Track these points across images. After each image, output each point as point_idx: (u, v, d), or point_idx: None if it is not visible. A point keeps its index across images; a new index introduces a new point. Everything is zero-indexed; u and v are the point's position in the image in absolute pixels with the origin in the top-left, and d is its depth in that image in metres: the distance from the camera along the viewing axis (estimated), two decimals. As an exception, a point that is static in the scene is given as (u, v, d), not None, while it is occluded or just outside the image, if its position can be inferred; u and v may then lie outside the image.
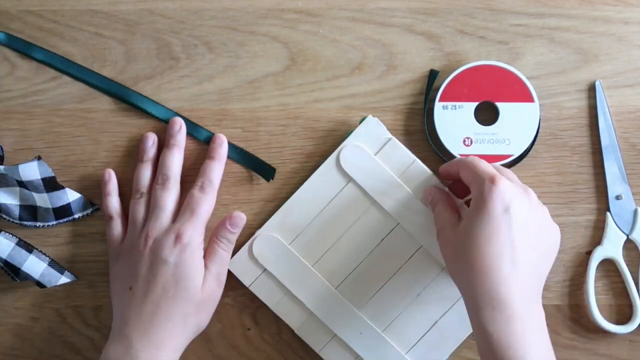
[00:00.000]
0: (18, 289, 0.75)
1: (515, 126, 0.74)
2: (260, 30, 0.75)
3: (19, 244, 0.73)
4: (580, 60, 0.75)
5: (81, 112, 0.76)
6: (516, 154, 0.74)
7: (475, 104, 0.74)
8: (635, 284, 0.75)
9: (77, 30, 0.75)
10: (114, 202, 0.74)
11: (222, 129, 0.75)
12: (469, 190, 0.67)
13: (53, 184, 0.73)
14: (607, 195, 0.75)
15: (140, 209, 0.73)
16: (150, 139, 0.74)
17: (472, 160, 0.67)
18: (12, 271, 0.72)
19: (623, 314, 0.76)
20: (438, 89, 0.74)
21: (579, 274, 0.76)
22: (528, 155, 0.75)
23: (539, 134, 0.75)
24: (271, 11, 0.75)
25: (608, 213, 0.75)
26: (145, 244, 0.70)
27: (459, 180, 0.69)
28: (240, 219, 0.72)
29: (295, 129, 0.76)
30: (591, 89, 0.75)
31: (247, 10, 0.75)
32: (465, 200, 0.72)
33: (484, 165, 0.66)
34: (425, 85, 0.75)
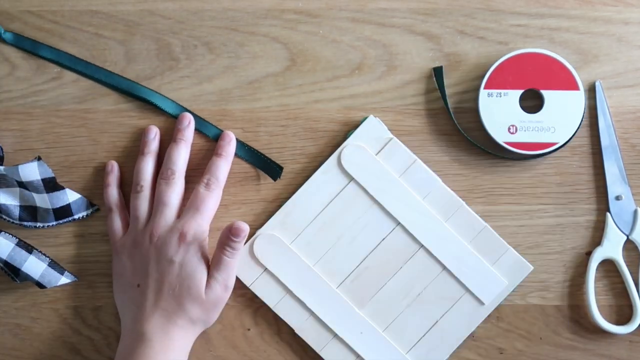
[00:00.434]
0: (18, 289, 0.75)
1: (561, 114, 0.74)
2: (260, 31, 0.75)
3: (19, 244, 0.73)
4: (580, 60, 0.75)
5: (81, 113, 0.75)
6: (561, 142, 0.74)
7: (521, 91, 0.74)
8: (635, 285, 0.75)
9: (77, 31, 0.75)
10: (114, 194, 0.74)
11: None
12: None
13: (53, 185, 0.73)
14: (607, 196, 0.75)
15: (142, 203, 0.72)
16: (152, 131, 0.74)
17: None
18: (12, 272, 0.72)
19: (623, 315, 0.76)
20: (483, 77, 0.74)
21: (579, 275, 0.76)
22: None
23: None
24: (271, 12, 0.76)
25: (608, 213, 0.75)
26: (150, 241, 0.70)
27: None
28: (241, 230, 0.70)
29: (296, 130, 0.76)
30: (591, 90, 0.75)
31: (247, 10, 0.75)
32: None
33: None
34: (435, 85, 0.75)
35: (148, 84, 0.75)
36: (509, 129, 0.74)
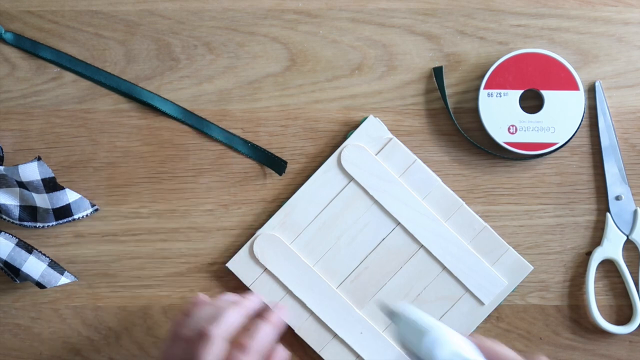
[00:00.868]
0: (18, 289, 0.75)
1: (560, 114, 0.74)
2: (260, 31, 0.75)
3: (18, 244, 0.73)
4: (580, 60, 0.75)
5: (81, 113, 0.75)
6: (561, 142, 0.74)
7: (520, 91, 0.74)
8: (635, 285, 0.75)
9: (77, 31, 0.75)
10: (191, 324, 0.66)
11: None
12: None
13: (53, 185, 0.73)
14: (607, 196, 0.75)
15: None
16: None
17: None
18: (12, 272, 0.72)
19: (623, 315, 0.76)
20: (483, 77, 0.74)
21: (579, 275, 0.76)
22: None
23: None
24: (271, 12, 0.76)
25: (608, 214, 0.75)
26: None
27: None
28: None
29: (296, 130, 0.76)
30: (591, 90, 0.75)
31: (247, 11, 0.75)
32: None
33: None
34: (435, 85, 0.75)
35: (148, 84, 0.75)
36: (509, 129, 0.74)
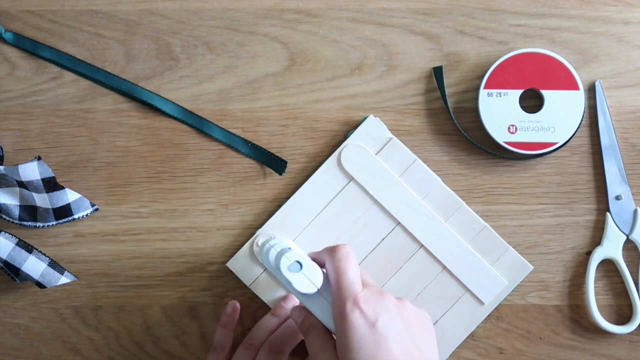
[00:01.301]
0: (18, 289, 0.75)
1: (560, 114, 0.74)
2: (260, 31, 0.75)
3: (18, 244, 0.73)
4: (580, 60, 0.75)
5: (81, 113, 0.75)
6: (561, 142, 0.74)
7: (520, 91, 0.74)
8: (635, 284, 0.75)
9: (77, 31, 0.75)
10: (226, 336, 0.73)
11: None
12: None
13: (53, 184, 0.73)
14: (607, 196, 0.75)
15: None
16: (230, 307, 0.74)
17: (338, 267, 0.61)
18: (12, 272, 0.72)
19: (623, 314, 0.76)
20: (482, 77, 0.74)
21: (579, 274, 0.76)
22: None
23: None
24: (271, 11, 0.76)
25: (608, 213, 0.75)
26: None
27: None
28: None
29: (295, 129, 0.76)
30: (591, 89, 0.75)
31: (247, 10, 0.75)
32: None
33: (347, 279, 0.60)
34: (435, 85, 0.75)
35: (148, 84, 0.75)
36: (509, 128, 0.74)
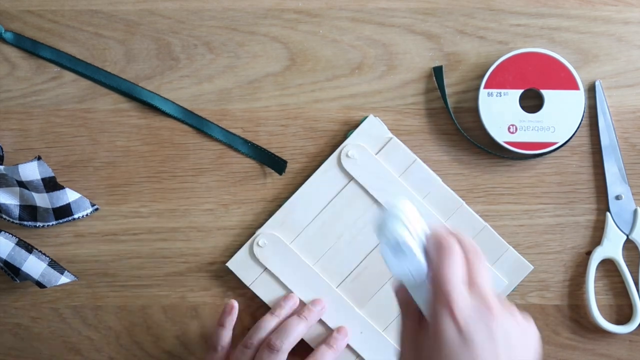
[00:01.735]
0: (18, 289, 0.75)
1: (560, 114, 0.74)
2: (260, 31, 0.75)
3: (18, 244, 0.73)
4: (580, 60, 0.75)
5: (81, 112, 0.75)
6: (561, 142, 0.74)
7: (520, 91, 0.74)
8: (635, 284, 0.75)
9: (77, 31, 0.75)
10: (226, 336, 0.73)
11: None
12: None
13: (53, 184, 0.73)
14: (607, 196, 0.75)
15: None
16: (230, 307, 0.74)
17: (438, 264, 0.53)
18: (12, 271, 0.72)
19: (623, 314, 0.76)
20: (482, 77, 0.74)
21: (579, 274, 0.76)
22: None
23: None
24: (271, 11, 0.75)
25: (608, 213, 0.75)
26: None
27: None
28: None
29: (295, 129, 0.76)
30: (591, 89, 0.75)
31: (247, 10, 0.75)
32: None
33: (446, 281, 0.52)
34: (435, 85, 0.75)
35: (148, 84, 0.75)
36: (509, 128, 0.74)
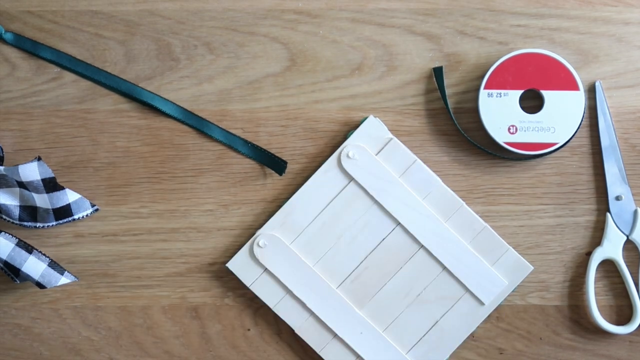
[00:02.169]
0: (18, 289, 0.75)
1: (561, 114, 0.74)
2: (260, 31, 0.75)
3: (19, 244, 0.73)
4: (580, 60, 0.75)
5: (81, 113, 0.76)
6: (561, 142, 0.74)
7: (521, 91, 0.74)
8: (635, 285, 0.75)
9: (77, 31, 0.75)
10: None
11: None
12: None
13: (53, 185, 0.73)
14: (607, 196, 0.75)
15: None
16: None
17: None
18: (12, 272, 0.72)
19: (623, 315, 0.76)
20: (483, 77, 0.74)
21: (579, 275, 0.76)
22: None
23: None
24: (271, 12, 0.76)
25: (608, 214, 0.75)
26: None
27: None
28: None
29: (296, 130, 0.76)
30: (591, 90, 0.75)
31: (247, 11, 0.75)
32: None
33: None
34: (435, 85, 0.75)
35: (148, 84, 0.75)
36: (509, 129, 0.74)
